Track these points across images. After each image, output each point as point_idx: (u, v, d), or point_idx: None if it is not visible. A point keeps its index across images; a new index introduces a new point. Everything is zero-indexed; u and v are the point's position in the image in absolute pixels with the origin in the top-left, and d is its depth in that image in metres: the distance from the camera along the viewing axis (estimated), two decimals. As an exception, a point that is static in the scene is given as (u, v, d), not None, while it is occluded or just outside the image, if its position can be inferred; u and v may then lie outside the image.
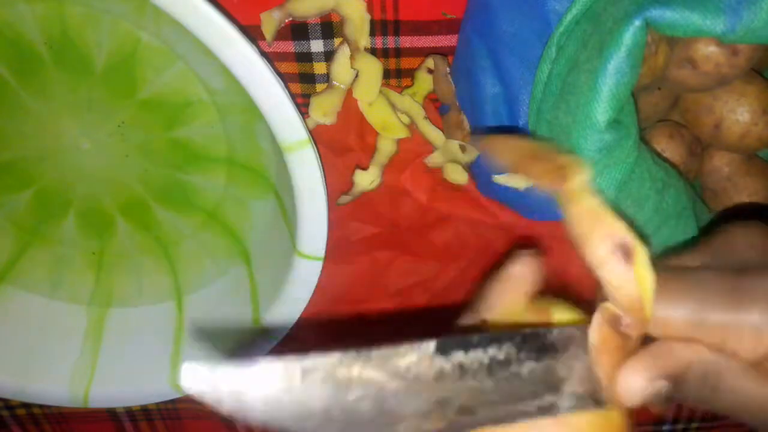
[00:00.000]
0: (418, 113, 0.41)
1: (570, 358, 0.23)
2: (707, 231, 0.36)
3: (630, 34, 0.29)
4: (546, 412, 0.22)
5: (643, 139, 0.37)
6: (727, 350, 0.22)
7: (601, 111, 0.30)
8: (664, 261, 0.25)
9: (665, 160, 0.36)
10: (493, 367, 0.22)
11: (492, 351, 0.22)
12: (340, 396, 0.20)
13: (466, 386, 0.21)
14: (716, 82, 0.33)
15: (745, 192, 0.38)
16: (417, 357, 0.21)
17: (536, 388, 0.22)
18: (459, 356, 0.22)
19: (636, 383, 0.22)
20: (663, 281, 0.22)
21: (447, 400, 0.21)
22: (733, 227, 0.25)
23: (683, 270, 0.24)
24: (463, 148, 0.40)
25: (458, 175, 0.43)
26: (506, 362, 0.22)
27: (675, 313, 0.22)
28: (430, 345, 0.21)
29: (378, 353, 0.21)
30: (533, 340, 0.23)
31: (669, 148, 0.37)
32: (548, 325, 0.24)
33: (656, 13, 0.28)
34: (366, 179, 0.42)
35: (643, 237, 0.23)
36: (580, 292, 0.47)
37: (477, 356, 0.22)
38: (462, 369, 0.21)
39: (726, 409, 0.23)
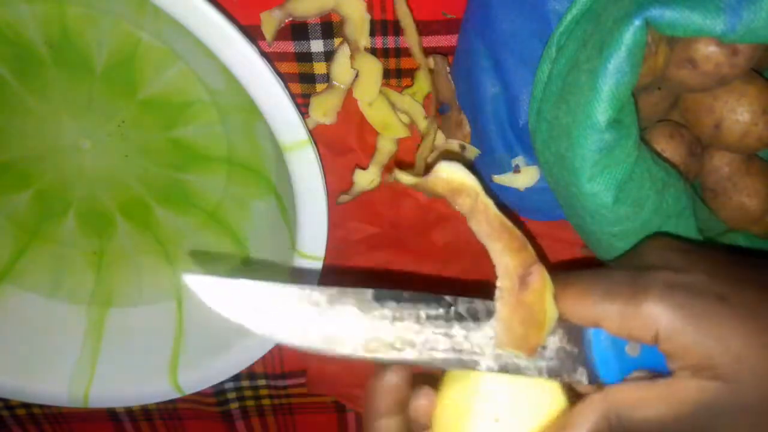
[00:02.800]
0: (419, 113, 0.41)
1: (491, 327, 0.27)
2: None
3: (630, 34, 0.29)
4: (467, 366, 0.26)
5: (643, 139, 0.37)
6: (628, 334, 0.25)
7: (602, 111, 0.30)
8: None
9: (665, 160, 0.36)
10: (421, 319, 0.26)
11: (422, 307, 0.26)
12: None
13: (396, 330, 0.26)
14: (716, 82, 0.33)
15: (745, 192, 0.38)
16: (356, 300, 0.26)
17: (458, 345, 0.26)
18: (392, 305, 0.26)
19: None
20: (576, 277, 0.27)
21: (379, 337, 0.26)
22: (644, 241, 0.29)
23: (597, 271, 0.27)
24: (462, 148, 0.40)
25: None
26: (434, 318, 0.26)
27: (583, 303, 0.26)
28: (368, 293, 0.26)
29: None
30: (461, 304, 0.27)
31: (669, 148, 0.37)
32: None
33: (656, 13, 0.28)
34: (366, 179, 0.42)
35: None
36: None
37: (407, 309, 0.26)
38: (393, 317, 0.26)
39: None
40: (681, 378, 0.25)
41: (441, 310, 0.27)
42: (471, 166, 0.42)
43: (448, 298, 0.27)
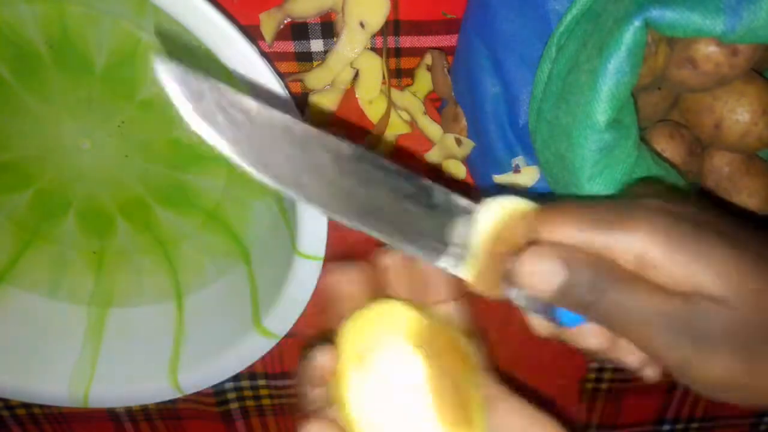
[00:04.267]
0: (418, 109, 0.41)
1: (465, 223, 0.25)
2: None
3: (630, 34, 0.29)
4: (427, 254, 0.25)
5: (643, 139, 0.37)
6: (614, 251, 0.24)
7: (601, 111, 0.30)
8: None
9: (665, 160, 0.36)
10: (398, 189, 0.25)
11: (398, 180, 0.25)
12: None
13: (369, 191, 0.24)
14: (716, 82, 0.33)
15: (745, 192, 0.38)
16: (331, 149, 0.23)
17: (425, 230, 0.25)
18: (367, 167, 0.24)
19: (538, 268, 0.24)
20: (559, 203, 0.26)
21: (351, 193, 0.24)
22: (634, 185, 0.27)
23: (583, 200, 0.26)
24: (458, 141, 0.40)
25: (457, 171, 0.43)
26: (413, 194, 0.25)
27: (565, 226, 0.25)
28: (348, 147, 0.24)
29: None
30: (439, 192, 0.25)
31: (669, 148, 0.37)
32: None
33: (656, 13, 0.28)
34: None
35: None
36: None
37: (389, 173, 0.24)
38: (367, 179, 0.24)
39: (611, 319, 0.24)
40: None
41: (416, 191, 0.25)
42: (470, 166, 0.42)
43: (426, 182, 0.25)
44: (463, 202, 0.26)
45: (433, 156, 0.42)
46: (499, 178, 0.39)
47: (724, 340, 0.23)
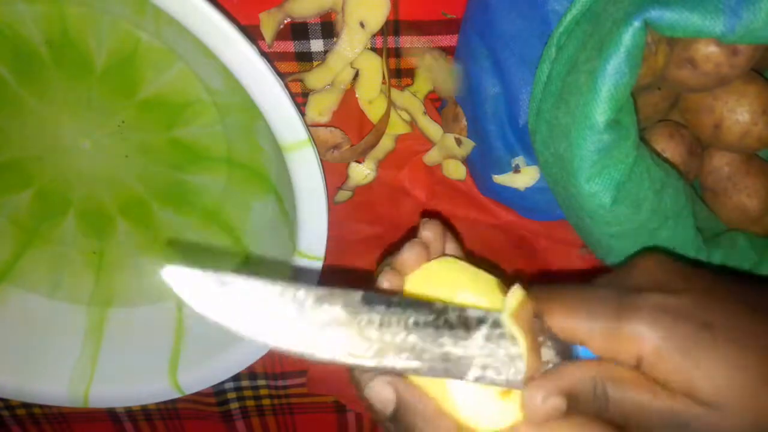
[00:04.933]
0: (418, 109, 0.41)
1: (482, 337, 0.26)
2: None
3: (629, 35, 0.29)
4: (453, 375, 0.26)
5: (643, 139, 0.37)
6: (611, 356, 0.25)
7: (600, 111, 0.30)
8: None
9: (665, 160, 0.36)
10: (409, 326, 0.25)
11: (410, 313, 0.25)
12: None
13: (382, 336, 0.25)
14: (716, 82, 0.33)
15: (745, 192, 0.38)
16: (344, 302, 0.25)
17: (446, 354, 0.25)
18: (381, 309, 0.25)
19: (536, 401, 0.25)
20: (563, 292, 0.27)
21: (366, 339, 0.25)
22: (637, 257, 0.28)
23: (584, 288, 0.27)
24: (458, 141, 0.40)
25: (457, 171, 0.43)
26: (423, 324, 0.25)
27: (568, 320, 0.26)
28: (357, 295, 0.25)
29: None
30: (452, 312, 0.26)
31: (669, 148, 0.37)
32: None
33: (656, 14, 0.28)
34: (360, 173, 0.42)
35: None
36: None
37: (396, 314, 0.25)
38: (381, 323, 0.25)
39: (622, 418, 0.25)
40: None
41: (431, 317, 0.26)
42: (470, 166, 0.42)
43: (438, 304, 0.26)
44: (477, 314, 0.26)
45: (433, 156, 0.42)
46: (499, 178, 0.39)
47: None
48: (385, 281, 0.28)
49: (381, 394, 0.27)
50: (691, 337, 0.24)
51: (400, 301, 0.26)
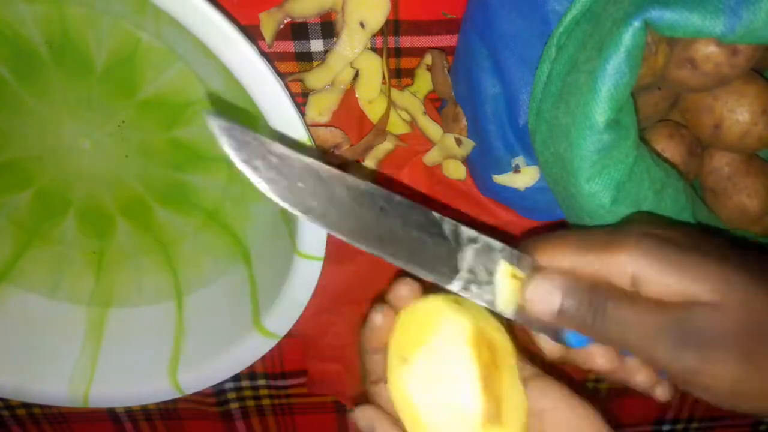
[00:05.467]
0: (418, 109, 0.41)
1: (472, 253, 0.28)
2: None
3: (629, 35, 0.29)
4: (440, 279, 0.28)
5: (643, 139, 0.37)
6: (606, 279, 0.26)
7: (600, 111, 0.30)
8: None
9: (665, 160, 0.36)
10: (410, 221, 0.27)
11: (411, 211, 0.27)
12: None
13: (383, 223, 0.27)
14: (716, 82, 0.33)
15: (745, 192, 0.38)
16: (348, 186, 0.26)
17: (437, 257, 0.27)
18: (384, 197, 0.27)
19: (539, 295, 0.27)
20: (554, 234, 0.28)
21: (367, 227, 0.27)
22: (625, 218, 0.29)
23: (580, 230, 0.28)
24: (458, 141, 0.40)
25: (457, 171, 0.43)
26: (424, 224, 0.27)
27: (560, 253, 0.27)
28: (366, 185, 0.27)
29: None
30: (446, 224, 0.28)
31: (669, 148, 0.37)
32: None
33: (656, 14, 0.28)
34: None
35: None
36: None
37: (398, 208, 0.27)
38: (382, 210, 0.27)
39: (611, 338, 0.26)
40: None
41: (426, 222, 0.27)
42: (470, 166, 0.42)
43: (435, 215, 0.28)
44: (469, 233, 0.28)
45: (433, 156, 0.42)
46: (499, 178, 0.39)
47: (722, 343, 0.24)
48: (377, 315, 0.29)
49: (360, 422, 0.29)
50: (680, 252, 0.25)
51: (401, 201, 0.27)
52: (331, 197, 0.26)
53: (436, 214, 0.28)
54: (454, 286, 0.28)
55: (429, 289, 0.29)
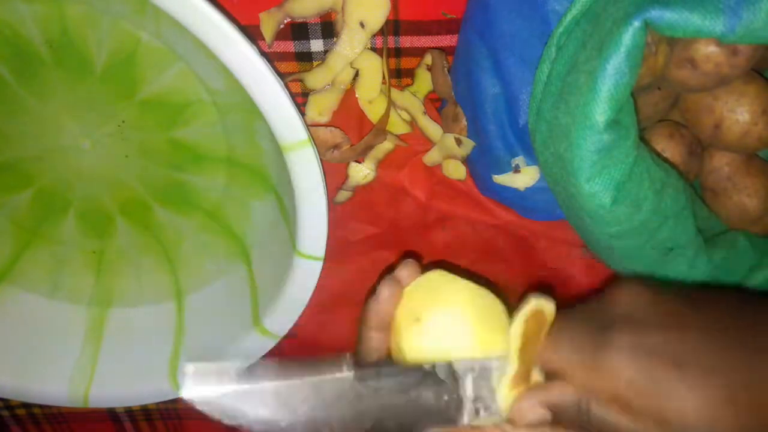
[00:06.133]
0: (418, 109, 0.41)
1: (471, 381, 0.29)
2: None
3: (629, 35, 0.29)
4: (450, 423, 0.29)
5: (643, 139, 0.37)
6: (590, 389, 0.28)
7: (600, 111, 0.30)
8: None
9: (665, 160, 0.36)
10: (402, 389, 0.28)
11: (402, 378, 0.28)
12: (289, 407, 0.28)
13: (379, 404, 0.28)
14: (716, 82, 0.33)
15: (745, 192, 0.38)
16: (339, 381, 0.28)
17: (440, 404, 0.28)
18: (373, 383, 0.28)
19: (524, 410, 0.29)
20: (552, 334, 0.29)
21: (363, 413, 0.27)
22: (615, 287, 0.30)
23: (566, 319, 0.30)
24: (458, 141, 0.40)
25: (457, 171, 0.43)
26: (414, 385, 0.28)
27: (554, 356, 0.29)
28: (350, 374, 0.28)
29: (308, 378, 0.27)
30: (437, 368, 0.29)
31: (669, 148, 0.37)
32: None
33: (656, 14, 0.28)
34: (360, 172, 0.42)
35: None
36: (574, 291, 0.47)
37: (389, 382, 0.28)
38: (376, 391, 0.28)
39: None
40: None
41: (420, 378, 0.29)
42: (470, 166, 0.42)
43: (426, 367, 0.29)
44: (464, 365, 0.29)
45: (433, 156, 0.42)
46: (499, 178, 0.39)
47: None
48: (386, 288, 0.31)
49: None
50: (662, 375, 0.27)
51: (389, 371, 0.28)
52: (316, 403, 0.27)
53: (427, 367, 0.29)
54: (466, 418, 0.29)
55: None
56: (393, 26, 0.40)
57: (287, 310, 0.44)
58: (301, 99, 0.42)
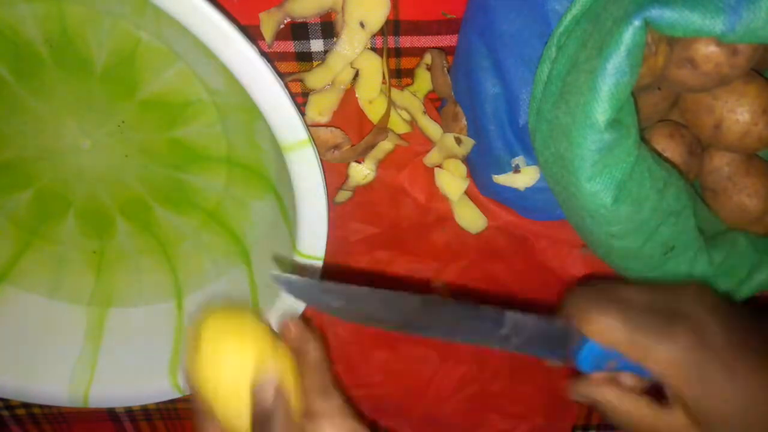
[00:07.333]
0: (418, 108, 0.41)
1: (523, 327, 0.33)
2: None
3: (629, 35, 0.29)
4: (498, 342, 0.33)
5: (643, 139, 0.37)
6: (641, 363, 0.31)
7: (601, 111, 0.30)
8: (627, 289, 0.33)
9: (665, 159, 0.36)
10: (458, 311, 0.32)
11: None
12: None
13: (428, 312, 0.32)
14: (716, 82, 0.33)
15: (745, 192, 0.38)
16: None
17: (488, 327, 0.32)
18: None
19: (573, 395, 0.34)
20: (616, 300, 0.31)
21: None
22: (692, 284, 0.33)
23: (637, 291, 0.32)
24: (458, 141, 0.40)
25: (457, 171, 0.43)
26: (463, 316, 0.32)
27: (616, 330, 0.31)
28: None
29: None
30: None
31: (669, 148, 0.37)
32: None
33: (656, 13, 0.28)
34: (360, 172, 0.42)
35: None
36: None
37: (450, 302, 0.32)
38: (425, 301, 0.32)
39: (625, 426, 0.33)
40: (676, 410, 0.31)
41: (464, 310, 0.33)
42: (470, 166, 0.42)
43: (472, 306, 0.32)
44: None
45: (433, 157, 0.42)
46: (499, 178, 0.39)
47: None
48: None
49: None
50: (714, 376, 0.29)
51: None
52: (389, 309, 0.31)
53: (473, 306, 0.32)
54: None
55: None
56: (393, 26, 0.40)
57: (287, 310, 0.44)
58: (301, 99, 0.42)
